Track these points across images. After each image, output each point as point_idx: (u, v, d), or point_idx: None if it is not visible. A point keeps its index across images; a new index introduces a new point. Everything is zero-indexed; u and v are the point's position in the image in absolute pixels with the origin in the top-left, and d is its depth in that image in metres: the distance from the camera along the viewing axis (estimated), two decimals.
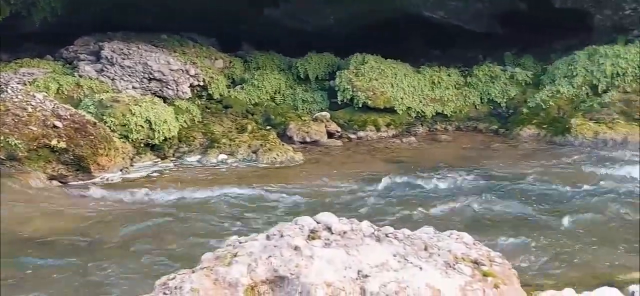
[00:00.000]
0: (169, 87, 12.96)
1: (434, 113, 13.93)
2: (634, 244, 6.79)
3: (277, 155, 11.08)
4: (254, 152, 11.24)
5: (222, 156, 11.14)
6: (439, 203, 8.22)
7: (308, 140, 12.52)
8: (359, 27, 15.34)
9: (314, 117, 13.27)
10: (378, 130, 13.26)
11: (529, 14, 14.70)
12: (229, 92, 13.79)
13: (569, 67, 13.67)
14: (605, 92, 12.97)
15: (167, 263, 5.92)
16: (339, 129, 13.09)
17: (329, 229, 4.28)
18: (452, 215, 7.77)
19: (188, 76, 13.25)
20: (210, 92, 13.51)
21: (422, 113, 13.85)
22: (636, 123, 12.07)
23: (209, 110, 13.17)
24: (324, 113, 13.34)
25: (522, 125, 12.94)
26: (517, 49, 15.65)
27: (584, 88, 13.26)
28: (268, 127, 12.82)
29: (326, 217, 4.42)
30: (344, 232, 4.26)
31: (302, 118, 13.22)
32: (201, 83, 13.43)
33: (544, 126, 12.77)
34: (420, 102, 13.94)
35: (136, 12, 13.35)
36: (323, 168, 10.50)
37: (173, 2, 13.23)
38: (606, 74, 13.11)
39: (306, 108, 13.86)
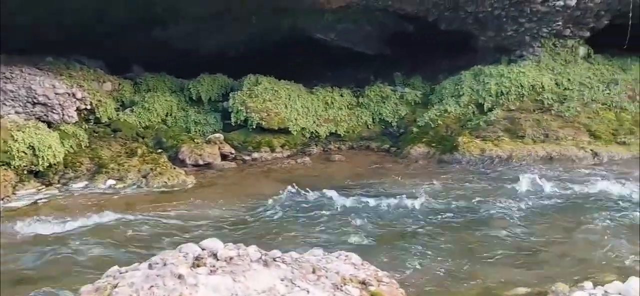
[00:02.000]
0: (54, 111, 12.46)
1: (328, 134, 14.06)
2: (519, 259, 7.01)
3: (168, 179, 10.85)
4: (144, 177, 10.95)
5: (111, 181, 10.80)
6: (331, 223, 8.24)
7: (201, 162, 12.30)
8: (252, 48, 15.33)
9: (207, 139, 13.08)
10: (273, 151, 13.22)
11: (416, 35, 15.12)
12: (118, 115, 13.39)
13: (456, 87, 14.10)
14: (490, 110, 13.43)
15: None
16: (233, 151, 12.95)
17: (214, 255, 4.20)
18: (343, 235, 7.79)
19: (74, 100, 12.78)
20: (98, 116, 13.08)
21: (316, 134, 13.94)
22: (520, 140, 12.54)
23: (97, 135, 12.75)
24: (217, 135, 13.18)
25: (413, 144, 13.19)
26: (407, 69, 16.03)
27: (470, 107, 13.69)
28: (159, 151, 12.53)
29: (212, 243, 4.34)
30: (231, 258, 4.20)
31: (195, 140, 13.01)
32: (88, 107, 12.99)
33: (433, 144, 13.06)
34: (314, 122, 14.03)
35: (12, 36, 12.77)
36: (215, 192, 10.34)
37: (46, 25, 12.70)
38: (491, 93, 13.60)
39: (199, 131, 13.67)
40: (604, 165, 11.74)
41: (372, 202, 9.36)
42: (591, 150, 12.19)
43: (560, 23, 13.86)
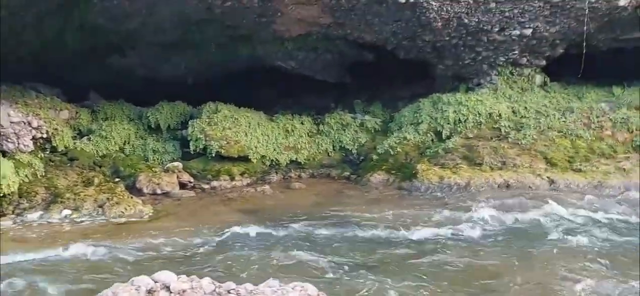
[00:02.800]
0: (9, 140, 12.24)
1: (288, 161, 14.02)
2: (473, 286, 7.05)
3: (125, 208, 10.70)
4: (101, 206, 10.78)
5: (66, 211, 10.60)
6: (289, 253, 8.18)
7: (159, 191, 12.16)
8: (211, 76, 15.29)
9: (165, 167, 12.96)
10: (232, 179, 13.12)
11: (376, 64, 15.23)
12: (74, 144, 13.22)
13: (415, 115, 14.21)
14: (448, 138, 13.54)
15: None
16: (192, 179, 12.84)
17: (167, 288, 4.14)
18: (301, 265, 7.75)
19: (30, 128, 12.58)
20: (55, 145, 12.89)
21: (277, 161, 13.90)
22: (478, 168, 12.64)
23: (53, 164, 12.54)
24: (176, 163, 13.06)
25: (372, 171, 13.23)
26: (367, 96, 16.14)
27: (429, 134, 13.80)
28: (116, 179, 12.38)
29: (164, 275, 4.28)
30: (183, 291, 4.14)
31: (153, 169, 12.88)
32: (45, 136, 12.79)
33: (393, 172, 13.11)
34: (275, 150, 14.00)
35: None
36: (173, 221, 10.21)
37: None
38: (449, 120, 13.72)
39: (157, 159, 13.54)
40: (561, 191, 11.87)
41: (331, 231, 9.35)
42: (548, 177, 12.32)
43: (516, 52, 14.07)
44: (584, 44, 13.30)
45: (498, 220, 9.86)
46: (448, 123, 13.73)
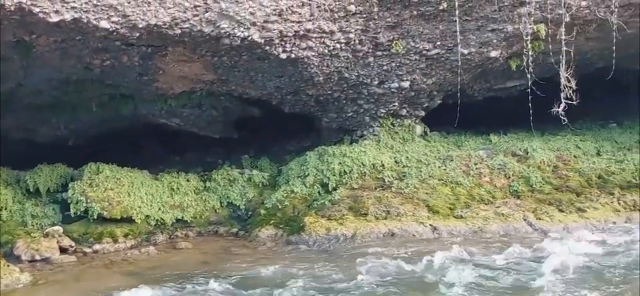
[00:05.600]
0: None
1: (174, 220, 13.69)
2: None
3: (1, 277, 10.19)
4: None
5: None
6: None
7: (38, 258, 11.68)
8: (94, 136, 14.94)
9: (45, 232, 12.47)
10: (115, 241, 12.73)
11: (263, 118, 15.34)
12: None
13: (302, 167, 14.30)
14: (334, 189, 13.67)
15: None
16: (73, 244, 12.37)
17: None
18: None
19: None
20: None
21: (162, 221, 13.56)
22: (363, 218, 12.81)
23: None
24: (56, 227, 12.59)
25: (261, 227, 13.16)
26: (255, 151, 16.18)
27: (315, 186, 13.90)
28: None
29: None
30: None
31: (32, 235, 12.37)
32: None
33: (281, 226, 13.10)
34: (160, 209, 13.68)
35: None
36: (53, 289, 9.84)
37: None
38: (335, 172, 13.88)
39: (36, 224, 13.00)
40: (444, 238, 12.16)
41: (217, 290, 9.24)
42: (431, 224, 12.61)
43: (396, 104, 14.49)
44: (459, 94, 13.82)
45: (387, 270, 9.98)
46: (334, 175, 13.89)
